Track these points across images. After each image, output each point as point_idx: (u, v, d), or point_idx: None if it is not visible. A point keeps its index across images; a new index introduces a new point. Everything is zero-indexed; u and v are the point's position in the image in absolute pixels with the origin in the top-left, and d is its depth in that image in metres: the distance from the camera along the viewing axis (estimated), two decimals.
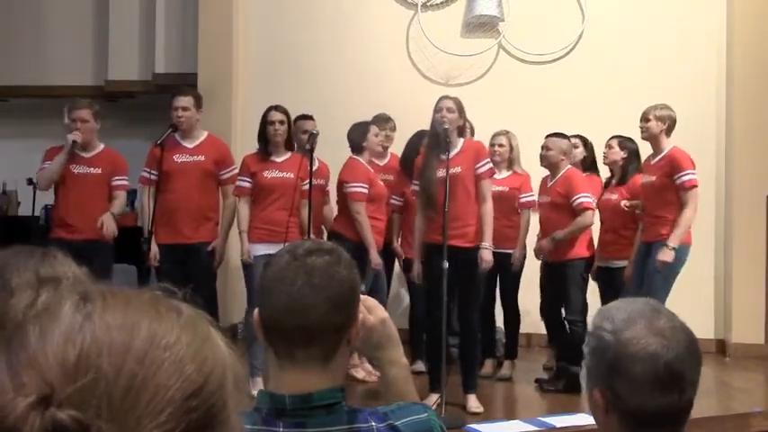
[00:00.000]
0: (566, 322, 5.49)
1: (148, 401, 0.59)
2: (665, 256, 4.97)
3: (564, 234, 5.35)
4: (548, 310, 5.63)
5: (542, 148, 5.56)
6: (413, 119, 6.00)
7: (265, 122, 5.17)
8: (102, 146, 5.43)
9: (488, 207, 4.87)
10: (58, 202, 5.43)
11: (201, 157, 5.23)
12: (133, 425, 0.58)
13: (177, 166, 5.16)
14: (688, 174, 5.06)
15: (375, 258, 5.27)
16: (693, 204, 5.06)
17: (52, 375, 0.58)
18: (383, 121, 6.02)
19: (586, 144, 6.01)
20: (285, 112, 5.20)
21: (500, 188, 5.68)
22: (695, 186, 5.07)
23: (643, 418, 1.37)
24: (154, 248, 5.12)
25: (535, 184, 5.85)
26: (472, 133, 5.99)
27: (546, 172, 5.64)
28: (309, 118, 5.76)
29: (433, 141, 4.88)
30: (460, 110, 4.88)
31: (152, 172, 5.16)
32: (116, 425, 0.58)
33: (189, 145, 5.25)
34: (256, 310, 1.44)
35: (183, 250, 5.14)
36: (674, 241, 4.99)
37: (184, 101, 5.23)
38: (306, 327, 1.38)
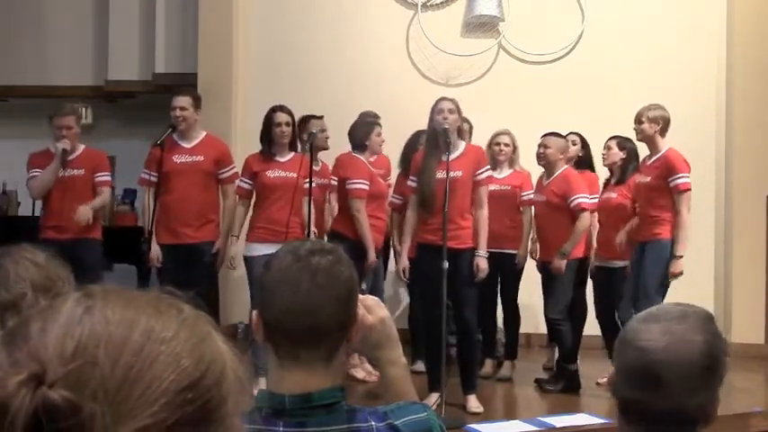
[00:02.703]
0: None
1: (143, 392, 0.60)
2: (676, 267, 5.02)
3: (570, 244, 5.33)
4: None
5: (540, 146, 5.56)
6: (413, 119, 5.99)
7: (270, 123, 5.14)
8: (82, 147, 5.54)
9: (484, 213, 4.89)
10: (45, 205, 5.54)
11: (200, 158, 5.23)
12: (126, 413, 0.59)
13: (176, 167, 5.17)
14: (682, 177, 5.06)
15: (371, 257, 5.26)
16: (686, 207, 5.06)
17: (47, 360, 0.60)
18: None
19: (583, 142, 6.01)
20: (290, 113, 5.20)
21: (502, 187, 5.69)
22: (688, 190, 5.07)
23: (628, 411, 1.38)
24: (155, 249, 5.13)
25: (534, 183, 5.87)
26: (471, 132, 6.00)
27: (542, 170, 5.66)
28: (319, 118, 5.74)
29: (432, 142, 4.87)
30: (459, 110, 4.88)
31: (152, 173, 5.17)
32: (110, 412, 0.58)
33: (187, 145, 5.25)
34: (255, 311, 1.44)
35: (184, 250, 5.14)
36: (680, 250, 5.02)
37: (183, 101, 5.23)
38: (313, 327, 1.39)
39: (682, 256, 5.00)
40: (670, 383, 1.34)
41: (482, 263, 4.81)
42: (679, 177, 5.06)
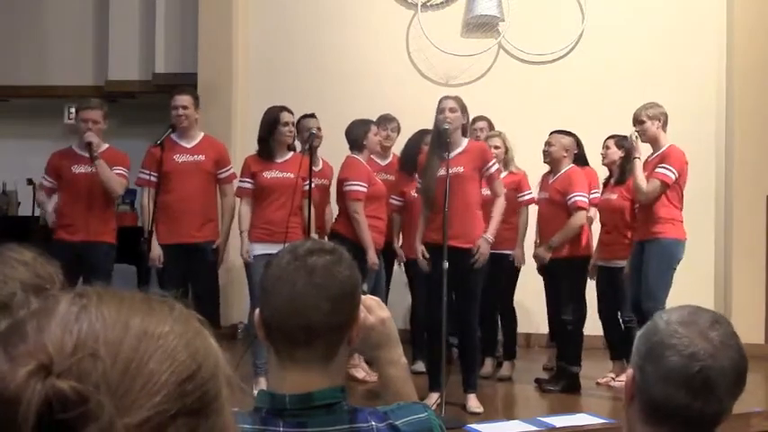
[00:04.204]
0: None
1: (144, 384, 0.61)
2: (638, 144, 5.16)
3: (559, 238, 5.34)
4: (550, 310, 5.63)
5: (546, 143, 5.58)
6: (413, 119, 6.00)
7: (276, 122, 5.11)
8: (106, 145, 5.40)
9: (501, 201, 4.90)
10: (60, 203, 5.40)
11: (201, 157, 5.23)
12: (130, 404, 0.60)
13: (178, 166, 5.16)
14: (668, 168, 5.05)
15: (372, 258, 5.24)
16: (655, 192, 5.05)
17: (51, 353, 0.61)
18: (387, 121, 6.02)
19: (577, 140, 6.00)
20: (293, 113, 5.23)
21: None
22: (667, 184, 5.06)
23: (662, 413, 1.37)
24: (157, 249, 5.11)
25: (533, 182, 5.87)
26: (491, 128, 6.02)
27: (546, 168, 5.66)
28: (312, 116, 5.77)
29: (435, 141, 4.88)
30: (463, 108, 4.87)
31: (151, 173, 5.13)
32: (114, 403, 0.60)
33: (187, 145, 5.25)
34: (257, 310, 1.45)
35: (186, 250, 5.13)
36: (635, 161, 5.12)
37: (185, 100, 5.22)
38: (307, 326, 1.39)
39: (638, 158, 5.12)
40: (720, 388, 1.35)
41: (483, 245, 4.73)
42: (665, 167, 5.05)
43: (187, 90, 5.47)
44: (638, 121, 5.20)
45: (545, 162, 5.62)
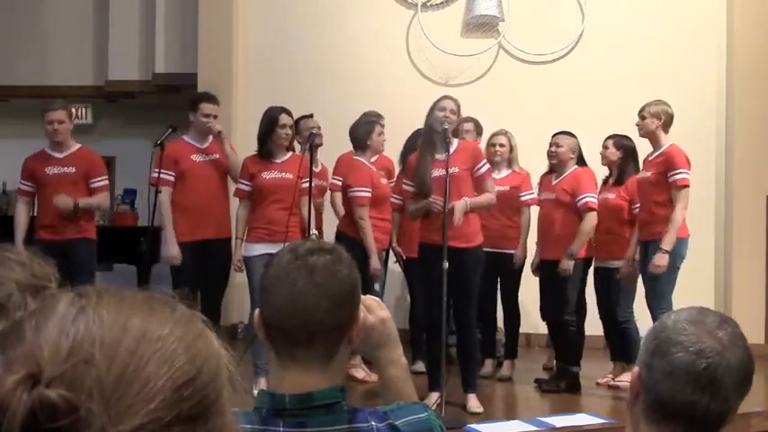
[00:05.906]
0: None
1: (139, 390, 0.60)
2: (661, 260, 4.98)
3: (578, 245, 5.31)
4: (548, 310, 5.62)
5: (552, 144, 5.56)
6: (413, 119, 5.99)
7: (274, 124, 5.11)
8: (77, 145, 5.49)
9: (491, 195, 4.87)
10: (38, 204, 5.50)
11: (217, 155, 5.29)
12: (124, 411, 0.59)
13: (196, 165, 5.22)
14: (681, 173, 5.06)
15: (375, 264, 5.23)
16: (683, 203, 5.05)
17: (43, 359, 0.60)
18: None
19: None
20: (292, 116, 5.23)
21: (500, 188, 5.66)
22: (687, 186, 5.07)
23: (667, 411, 1.37)
24: (176, 248, 5.10)
25: (534, 182, 5.86)
26: (480, 133, 6.01)
27: (544, 169, 5.65)
28: (310, 116, 5.77)
29: (428, 140, 4.87)
30: (460, 111, 4.89)
31: (168, 172, 5.14)
32: (106, 410, 0.59)
33: (201, 145, 5.31)
34: (257, 310, 1.45)
35: (205, 247, 5.16)
36: (667, 244, 4.98)
37: (217, 109, 5.32)
38: (307, 326, 1.39)
39: (667, 251, 4.99)
40: (726, 387, 1.35)
41: (459, 206, 4.64)
42: (678, 173, 5.05)
43: (214, 98, 5.45)
44: (640, 116, 5.24)
45: (551, 162, 5.60)
